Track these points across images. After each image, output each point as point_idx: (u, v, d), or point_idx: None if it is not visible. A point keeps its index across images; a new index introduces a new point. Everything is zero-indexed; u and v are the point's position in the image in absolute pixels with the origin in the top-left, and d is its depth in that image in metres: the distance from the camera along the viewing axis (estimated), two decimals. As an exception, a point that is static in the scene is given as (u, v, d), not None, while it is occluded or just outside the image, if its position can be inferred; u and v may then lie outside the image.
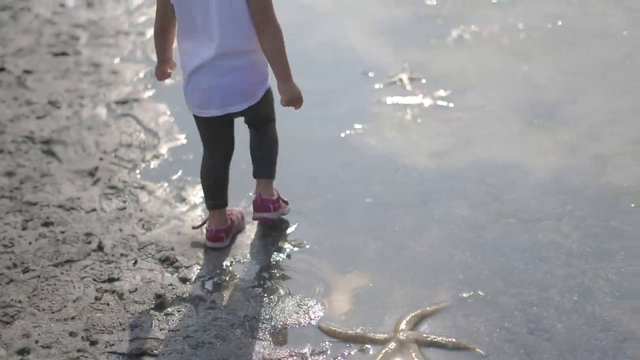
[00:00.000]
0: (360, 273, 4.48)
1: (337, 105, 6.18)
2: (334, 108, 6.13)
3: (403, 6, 8.00)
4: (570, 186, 5.13)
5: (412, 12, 7.86)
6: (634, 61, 6.72)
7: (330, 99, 6.25)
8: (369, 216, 4.94)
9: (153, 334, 4.08)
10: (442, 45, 7.17)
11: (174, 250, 4.68)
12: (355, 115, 6.03)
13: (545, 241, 4.65)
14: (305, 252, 4.65)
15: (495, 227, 4.79)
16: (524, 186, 5.14)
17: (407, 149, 5.59)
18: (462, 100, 6.19)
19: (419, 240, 4.72)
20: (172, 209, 5.06)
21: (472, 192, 5.11)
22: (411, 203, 5.05)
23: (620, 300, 4.19)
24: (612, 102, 6.09)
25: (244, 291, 4.36)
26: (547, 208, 4.93)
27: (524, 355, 3.89)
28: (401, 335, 3.97)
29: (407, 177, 5.29)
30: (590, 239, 4.65)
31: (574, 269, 4.43)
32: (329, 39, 7.35)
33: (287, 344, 4.01)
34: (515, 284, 4.34)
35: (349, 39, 7.37)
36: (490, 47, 7.11)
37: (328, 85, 6.48)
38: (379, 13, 7.90)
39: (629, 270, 4.39)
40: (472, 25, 7.45)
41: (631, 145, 5.54)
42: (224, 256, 4.62)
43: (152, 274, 4.50)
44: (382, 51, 7.07)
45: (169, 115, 6.13)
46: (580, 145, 5.56)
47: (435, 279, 4.40)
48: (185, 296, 4.33)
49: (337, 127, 5.86)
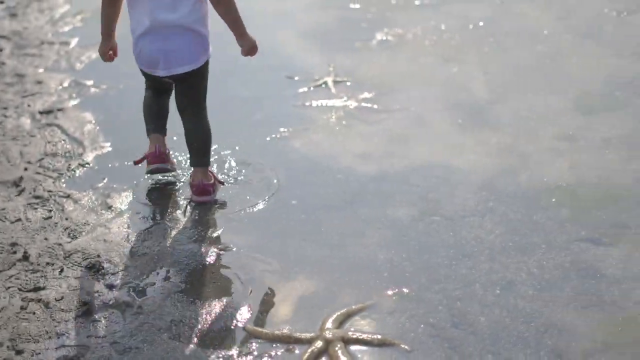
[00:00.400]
0: (285, 274, 4.50)
1: (262, 109, 6.21)
2: (258, 112, 6.16)
3: (328, 10, 8.06)
4: (492, 183, 5.21)
5: (337, 16, 7.93)
6: (554, 60, 6.85)
7: (256, 103, 6.28)
8: (294, 219, 4.97)
9: (80, 342, 4.06)
10: (366, 48, 7.24)
11: (100, 257, 4.67)
12: (280, 118, 6.06)
13: (469, 237, 4.72)
14: (232, 255, 4.66)
15: (419, 226, 4.85)
16: (448, 185, 5.21)
17: (332, 151, 5.63)
18: (387, 102, 6.25)
19: (344, 240, 4.75)
20: (98, 217, 5.04)
21: (397, 192, 5.17)
22: (336, 204, 5.09)
23: (541, 293, 4.26)
24: (533, 101, 6.19)
25: (170, 296, 4.36)
26: (470, 205, 5.01)
27: (448, 350, 3.94)
28: (327, 334, 4.00)
29: (333, 179, 5.34)
30: (512, 234, 4.73)
31: (496, 263, 4.50)
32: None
33: (214, 346, 4.02)
34: (439, 280, 4.40)
35: (274, 43, 7.40)
36: (414, 49, 7.20)
37: (253, 90, 6.51)
38: (304, 17, 7.96)
39: (550, 263, 4.48)
40: (395, 28, 7.53)
41: (552, 141, 5.64)
42: (150, 262, 4.62)
43: (79, 281, 4.48)
44: (307, 55, 7.11)
45: (94, 123, 6.11)
46: (502, 143, 5.65)
47: (360, 278, 4.44)
48: (112, 302, 4.32)
49: (262, 131, 5.89)
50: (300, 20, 7.88)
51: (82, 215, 5.06)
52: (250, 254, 4.67)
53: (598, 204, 4.97)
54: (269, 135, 5.84)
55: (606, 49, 7.01)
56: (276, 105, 6.27)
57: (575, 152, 5.51)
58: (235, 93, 6.46)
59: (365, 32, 7.52)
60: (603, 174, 5.25)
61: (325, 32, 7.61)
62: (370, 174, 5.37)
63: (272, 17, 7.99)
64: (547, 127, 5.82)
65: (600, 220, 4.82)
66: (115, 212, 5.09)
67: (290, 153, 5.63)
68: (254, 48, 4.98)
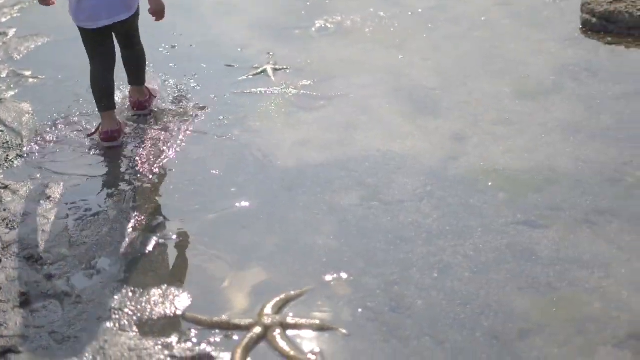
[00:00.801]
0: (224, 262, 4.52)
1: (201, 97, 6.20)
2: (197, 100, 6.14)
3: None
4: (430, 167, 5.26)
5: (276, 4, 7.93)
6: (492, 45, 6.91)
7: (194, 92, 6.27)
8: (233, 206, 4.99)
9: (18, 331, 4.05)
10: (305, 36, 7.25)
11: (39, 247, 4.66)
12: (219, 107, 6.06)
13: (407, 222, 4.77)
14: (171, 244, 4.67)
15: (358, 211, 4.88)
16: (386, 170, 5.25)
17: (271, 139, 5.65)
18: (327, 89, 6.27)
19: (283, 227, 4.78)
20: (36, 207, 5.02)
21: (335, 177, 5.20)
22: (275, 191, 5.12)
23: (477, 275, 4.33)
24: (472, 86, 6.25)
25: (110, 285, 4.36)
26: (408, 190, 5.05)
27: (386, 333, 3.99)
28: (266, 320, 4.03)
29: (272, 166, 5.36)
30: (450, 218, 4.79)
31: (433, 247, 4.55)
32: (193, 32, 7.36)
33: (154, 334, 4.04)
34: (377, 264, 4.44)
35: (214, 31, 7.40)
36: (354, 36, 7.22)
37: (191, 77, 6.49)
38: (244, 6, 7.94)
39: (487, 246, 4.54)
40: (335, 16, 7.54)
41: (490, 126, 5.70)
42: (89, 252, 4.62)
43: (17, 272, 4.47)
44: (246, 43, 7.11)
45: (32, 114, 6.07)
46: (440, 128, 5.70)
47: (299, 264, 4.47)
48: (51, 292, 4.32)
49: (201, 120, 5.89)
50: (240, 9, 7.87)
51: (20, 206, 5.04)
52: (189, 242, 4.69)
53: (534, 188, 5.03)
54: (209, 123, 5.84)
55: (543, 35, 7.08)
56: (215, 94, 6.26)
57: (512, 136, 5.57)
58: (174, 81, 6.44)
59: (304, 20, 7.53)
60: (539, 158, 5.32)
61: (265, 20, 7.61)
62: (309, 161, 5.39)
63: (212, 6, 7.96)
64: (485, 112, 5.88)
65: (536, 203, 4.89)
66: (53, 202, 5.07)
67: (229, 141, 5.64)
68: (162, 12, 5.56)
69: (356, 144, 5.56)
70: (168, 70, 6.61)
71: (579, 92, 6.11)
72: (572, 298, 4.17)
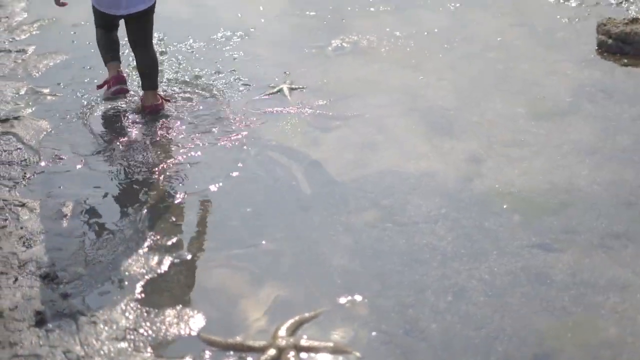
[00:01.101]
0: (238, 282, 4.53)
1: (217, 115, 6.22)
2: (214, 119, 6.16)
3: (284, 18, 8.09)
4: (445, 189, 5.27)
5: (293, 24, 7.95)
6: (507, 66, 6.92)
7: (211, 110, 6.29)
8: (248, 225, 5.00)
9: (33, 351, 4.06)
10: (322, 55, 7.28)
11: (55, 266, 4.67)
12: (235, 125, 6.07)
13: (422, 244, 4.77)
14: (186, 263, 4.68)
15: (373, 232, 4.89)
16: (401, 191, 5.26)
17: (287, 158, 5.66)
18: (342, 109, 6.29)
19: (298, 247, 4.79)
20: (53, 225, 5.04)
21: (351, 198, 5.21)
22: (292, 211, 5.13)
23: (492, 298, 4.33)
24: (486, 107, 6.26)
25: (125, 304, 4.37)
26: (423, 211, 5.06)
27: (400, 356, 4.00)
28: (280, 342, 4.03)
29: (287, 186, 5.37)
30: (464, 240, 4.79)
31: (448, 269, 4.55)
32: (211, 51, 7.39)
33: (169, 354, 4.04)
34: (392, 286, 4.44)
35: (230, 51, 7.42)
36: (370, 55, 7.24)
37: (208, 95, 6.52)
38: (261, 25, 7.96)
39: (501, 269, 4.54)
40: (351, 35, 7.57)
41: (505, 147, 5.71)
42: (105, 271, 4.63)
43: (33, 290, 4.49)
44: (262, 62, 7.13)
45: (50, 131, 6.09)
46: (455, 148, 5.71)
47: (314, 284, 4.48)
48: (67, 312, 4.33)
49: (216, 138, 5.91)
50: (258, 29, 7.89)
51: (37, 224, 5.06)
52: (203, 262, 4.70)
53: (549, 210, 5.04)
54: (224, 141, 5.86)
55: (558, 55, 7.09)
56: (231, 112, 6.27)
57: (528, 158, 5.58)
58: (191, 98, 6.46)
59: (321, 39, 7.55)
60: (554, 180, 5.32)
61: (282, 39, 7.64)
62: (324, 181, 5.40)
63: (229, 25, 7.98)
64: (500, 133, 5.89)
65: (551, 226, 4.89)
66: (70, 220, 5.09)
67: (246, 160, 5.65)
68: None
69: (372, 164, 5.57)
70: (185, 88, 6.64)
71: (594, 113, 6.12)
72: (587, 323, 4.17)
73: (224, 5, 8.48)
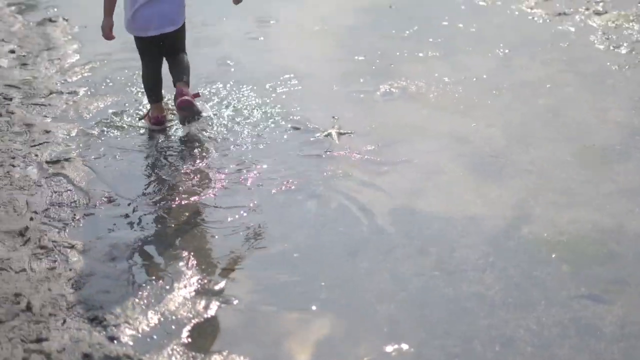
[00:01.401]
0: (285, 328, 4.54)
1: (268, 159, 6.25)
2: (264, 163, 6.19)
3: (332, 62, 8.11)
4: (493, 237, 5.25)
5: (341, 68, 7.98)
6: (556, 113, 6.89)
7: (261, 154, 6.32)
8: (296, 271, 5.01)
9: (80, 394, 4.10)
10: (370, 100, 7.29)
11: (103, 308, 4.71)
12: (285, 170, 6.10)
13: (469, 292, 4.76)
14: (233, 308, 4.70)
15: (419, 280, 4.88)
16: (448, 238, 5.25)
17: (334, 203, 5.67)
18: (390, 154, 6.29)
19: (344, 293, 4.79)
20: (101, 268, 5.08)
21: (398, 245, 5.21)
22: (339, 256, 5.14)
23: (540, 349, 4.30)
24: (535, 154, 6.24)
25: (171, 348, 4.39)
26: (470, 259, 5.04)
27: (447, 406, 3.98)
28: (326, 389, 4.03)
29: (335, 231, 5.38)
30: (512, 289, 4.77)
31: (496, 319, 4.53)
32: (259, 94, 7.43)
33: (215, 400, 4.06)
34: (439, 335, 4.43)
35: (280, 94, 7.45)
36: (418, 101, 7.25)
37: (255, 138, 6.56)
38: (308, 69, 7.99)
39: (550, 320, 4.51)
40: (399, 80, 7.58)
41: (553, 195, 5.68)
42: (152, 314, 4.66)
43: (81, 333, 4.52)
44: (311, 106, 7.16)
45: (100, 173, 6.15)
46: (503, 197, 5.69)
47: (360, 332, 4.47)
48: (113, 355, 4.35)
49: (268, 183, 5.94)
50: (305, 73, 7.92)
51: (86, 266, 5.10)
52: (252, 306, 4.71)
53: (598, 260, 5.01)
54: (275, 187, 5.88)
55: (608, 102, 7.06)
56: (281, 156, 6.31)
57: (576, 206, 5.55)
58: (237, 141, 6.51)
59: (369, 84, 7.57)
60: (604, 229, 5.29)
61: (330, 83, 7.66)
62: (372, 227, 5.41)
63: (277, 69, 8.03)
64: (548, 180, 5.87)
65: (601, 276, 4.86)
66: (118, 263, 5.13)
67: (294, 205, 5.68)
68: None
69: (419, 211, 5.57)
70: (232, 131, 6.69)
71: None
72: (636, 376, 4.13)
73: (272, 50, 8.52)
